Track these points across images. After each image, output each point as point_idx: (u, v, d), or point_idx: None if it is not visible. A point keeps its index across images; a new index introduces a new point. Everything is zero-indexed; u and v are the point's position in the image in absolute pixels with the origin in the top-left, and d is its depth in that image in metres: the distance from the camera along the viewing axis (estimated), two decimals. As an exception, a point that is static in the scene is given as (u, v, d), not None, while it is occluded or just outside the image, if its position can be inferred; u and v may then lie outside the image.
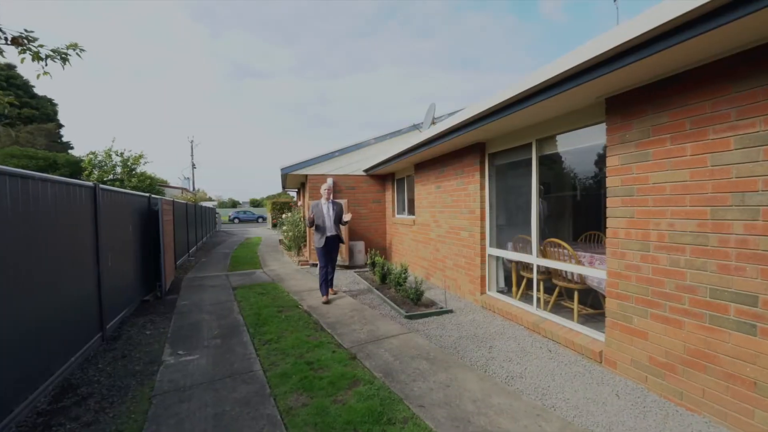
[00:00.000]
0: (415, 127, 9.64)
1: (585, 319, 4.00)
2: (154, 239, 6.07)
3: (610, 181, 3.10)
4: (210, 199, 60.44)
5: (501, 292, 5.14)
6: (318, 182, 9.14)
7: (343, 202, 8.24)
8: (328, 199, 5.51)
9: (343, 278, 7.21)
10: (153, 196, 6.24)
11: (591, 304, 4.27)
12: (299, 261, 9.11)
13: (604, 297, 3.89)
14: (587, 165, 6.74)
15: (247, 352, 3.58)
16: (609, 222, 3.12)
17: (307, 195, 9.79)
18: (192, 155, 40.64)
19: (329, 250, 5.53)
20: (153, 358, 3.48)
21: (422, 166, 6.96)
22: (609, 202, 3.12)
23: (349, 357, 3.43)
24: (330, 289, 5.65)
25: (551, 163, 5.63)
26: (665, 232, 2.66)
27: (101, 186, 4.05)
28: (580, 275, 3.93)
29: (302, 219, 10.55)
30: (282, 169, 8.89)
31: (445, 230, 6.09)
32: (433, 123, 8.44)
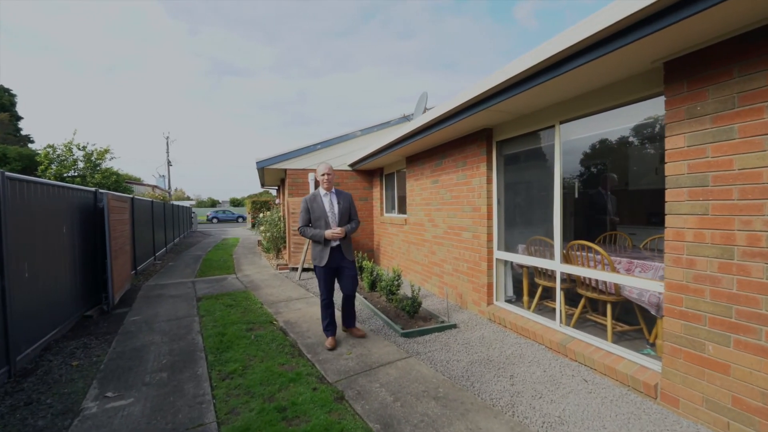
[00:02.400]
0: (406, 119, 8.90)
1: (618, 338, 3.34)
2: (102, 243, 5.08)
3: (670, 168, 2.43)
4: (188, 198, 58.18)
5: (509, 301, 4.45)
6: (298, 177, 8.27)
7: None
8: (329, 188, 3.68)
9: (326, 285, 6.39)
10: (100, 191, 5.25)
11: (623, 317, 3.63)
12: (277, 265, 8.22)
13: (641, 309, 3.25)
14: (606, 153, 6.16)
15: (200, 392, 2.72)
16: (669, 220, 2.45)
17: (286, 192, 8.89)
18: (167, 152, 38.56)
19: (337, 269, 3.60)
20: (69, 405, 2.58)
21: (415, 159, 6.22)
22: (669, 194, 2.44)
23: (335, 397, 2.63)
24: (351, 329, 3.87)
25: (570, 152, 4.96)
26: (763, 233, 1.99)
27: (9, 175, 3.11)
28: (615, 285, 3.26)
29: (281, 218, 9.64)
30: (257, 163, 7.97)
31: (442, 230, 5.36)
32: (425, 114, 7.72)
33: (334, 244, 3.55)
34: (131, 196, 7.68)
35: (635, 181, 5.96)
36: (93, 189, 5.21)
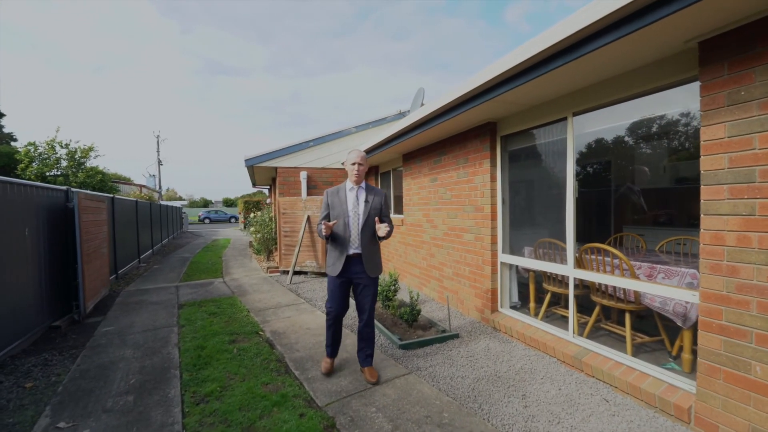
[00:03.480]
0: (402, 115, 8.58)
1: (636, 350, 3.04)
2: (75, 246, 4.67)
3: (707, 163, 2.13)
4: (180, 198, 57.26)
5: (514, 308, 4.14)
6: (290, 176, 7.91)
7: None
8: (358, 181, 2.89)
9: (318, 288, 6.03)
10: (72, 189, 4.84)
11: (637, 325, 3.34)
12: (268, 268, 7.84)
13: (661, 318, 2.96)
14: (601, 152, 5.90)
15: (169, 421, 2.36)
16: (705, 222, 2.15)
17: (276, 192, 8.52)
18: (158, 151, 37.78)
19: (351, 281, 2.87)
20: (12, 439, 2.21)
21: (412, 157, 5.90)
22: (706, 192, 2.14)
23: (325, 425, 2.29)
24: (364, 369, 2.92)
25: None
26: (828, 237, 1.70)
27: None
28: (635, 292, 2.96)
29: (272, 219, 9.26)
30: (246, 161, 7.59)
31: (442, 232, 5.04)
32: (423, 109, 7.41)
33: (353, 251, 2.80)
34: (110, 195, 7.24)
35: (639, 180, 5.69)
36: (64, 188, 4.80)
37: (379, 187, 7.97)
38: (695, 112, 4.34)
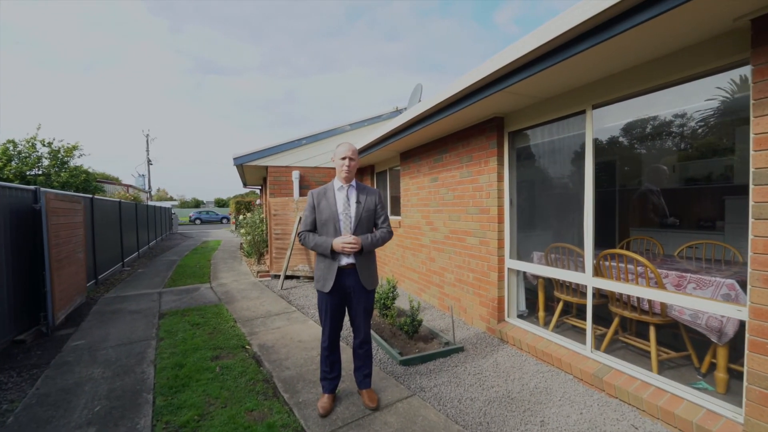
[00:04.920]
0: (398, 112, 8.27)
1: (661, 366, 2.76)
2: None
3: (760, 159, 1.85)
4: (171, 199, 56.23)
5: (521, 317, 3.85)
6: (281, 176, 7.55)
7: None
8: (348, 179, 2.50)
9: (311, 294, 5.68)
10: (41, 189, 4.43)
11: (660, 338, 3.07)
12: (258, 272, 7.47)
13: (688, 331, 2.68)
14: (620, 147, 5.64)
15: (134, 461, 2.01)
16: (757, 227, 1.87)
17: (267, 192, 8.15)
18: (147, 150, 36.95)
19: (346, 297, 2.49)
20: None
21: (411, 155, 5.59)
22: (758, 194, 1.86)
23: (317, 466, 1.96)
24: (362, 391, 2.60)
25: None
26: None
27: None
28: (661, 304, 2.68)
29: (263, 220, 8.88)
30: (235, 159, 7.21)
31: (443, 235, 4.74)
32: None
33: (345, 261, 2.41)
34: (89, 195, 6.80)
35: (656, 180, 5.44)
36: (32, 187, 4.39)
37: (376, 187, 7.64)
38: (698, 109, 4.12)
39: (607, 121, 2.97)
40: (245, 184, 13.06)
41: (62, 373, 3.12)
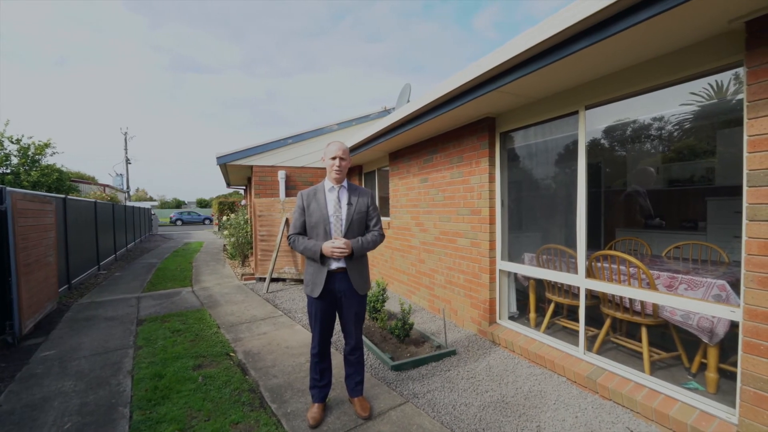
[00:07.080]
0: (386, 112, 8.20)
1: (652, 366, 2.77)
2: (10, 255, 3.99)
3: (755, 161, 1.85)
4: (150, 199, 54.52)
5: (512, 318, 3.83)
6: (266, 175, 7.36)
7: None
8: (339, 180, 2.42)
9: (298, 298, 5.54)
10: (7, 189, 4.14)
11: (650, 338, 3.09)
12: (242, 275, 7.25)
13: (678, 331, 2.70)
14: (614, 148, 5.72)
15: (108, 484, 1.86)
16: (751, 229, 1.87)
17: (252, 192, 7.93)
18: (126, 149, 35.72)
19: (337, 301, 2.39)
20: None
21: (400, 155, 5.52)
22: (752, 195, 1.86)
23: (309, 482, 1.85)
24: (354, 400, 2.50)
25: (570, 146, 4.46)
26: None
27: None
28: (653, 305, 2.69)
29: (247, 221, 8.66)
30: (218, 158, 6.98)
31: (433, 236, 4.68)
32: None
33: (335, 265, 2.31)
34: (62, 196, 6.45)
35: (643, 181, 5.55)
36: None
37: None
38: (683, 112, 4.20)
39: (600, 123, 2.97)
40: (229, 184, 12.72)
41: (29, 387, 2.90)
